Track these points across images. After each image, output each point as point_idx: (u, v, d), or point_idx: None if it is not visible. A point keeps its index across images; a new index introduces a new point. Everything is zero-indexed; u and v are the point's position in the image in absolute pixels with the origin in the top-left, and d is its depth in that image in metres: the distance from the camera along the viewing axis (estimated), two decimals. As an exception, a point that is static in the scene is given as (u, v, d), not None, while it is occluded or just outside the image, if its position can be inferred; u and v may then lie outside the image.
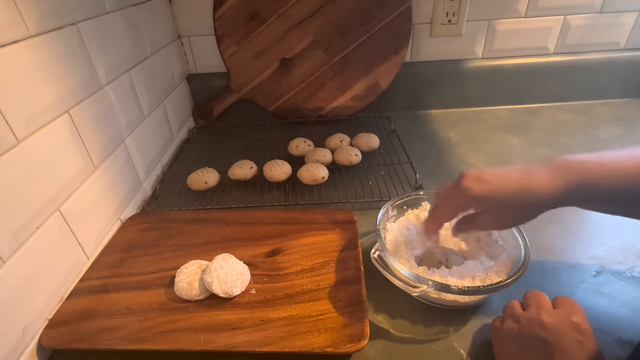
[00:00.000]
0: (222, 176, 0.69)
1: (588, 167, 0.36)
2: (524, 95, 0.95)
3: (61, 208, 0.47)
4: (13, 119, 0.40)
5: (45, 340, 0.42)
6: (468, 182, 0.39)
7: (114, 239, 0.56)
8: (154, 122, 0.73)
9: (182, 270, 0.47)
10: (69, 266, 0.48)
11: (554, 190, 0.36)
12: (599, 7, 0.86)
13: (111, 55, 0.59)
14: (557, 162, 0.37)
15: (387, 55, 0.85)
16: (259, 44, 0.84)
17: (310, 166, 0.67)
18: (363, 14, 0.81)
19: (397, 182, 0.67)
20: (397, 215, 0.54)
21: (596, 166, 0.36)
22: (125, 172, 0.62)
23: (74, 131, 0.50)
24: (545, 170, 0.37)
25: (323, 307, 0.44)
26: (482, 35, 0.89)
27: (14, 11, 0.41)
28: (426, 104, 0.96)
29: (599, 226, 0.56)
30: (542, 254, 0.52)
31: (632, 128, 0.83)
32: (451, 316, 0.44)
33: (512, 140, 0.81)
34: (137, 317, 0.44)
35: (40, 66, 0.44)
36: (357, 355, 0.41)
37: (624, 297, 0.46)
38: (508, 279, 0.41)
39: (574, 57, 0.91)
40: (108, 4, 0.59)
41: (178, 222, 0.59)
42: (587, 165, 0.36)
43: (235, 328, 0.42)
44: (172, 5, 0.84)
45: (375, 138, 0.76)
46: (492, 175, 0.38)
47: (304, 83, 0.88)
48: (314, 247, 0.52)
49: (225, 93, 0.90)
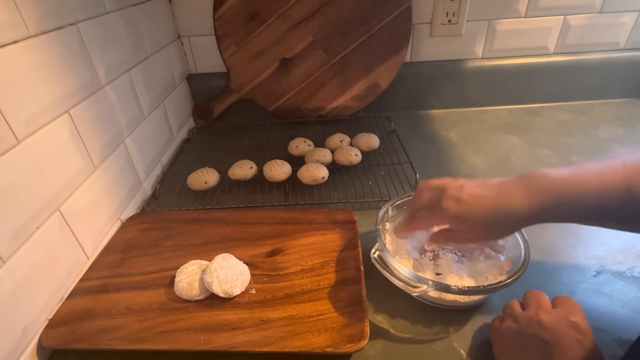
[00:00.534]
0: (222, 176, 0.69)
1: (562, 186, 0.36)
2: (524, 95, 0.95)
3: (61, 208, 0.47)
4: (13, 119, 0.40)
5: (45, 340, 0.42)
6: (446, 204, 0.39)
7: (114, 239, 0.56)
8: (154, 122, 0.73)
9: (182, 270, 0.47)
10: (69, 266, 0.48)
11: (529, 210, 0.37)
12: (599, 7, 0.86)
13: (111, 55, 0.59)
14: (533, 180, 0.37)
15: (387, 55, 0.85)
16: (259, 44, 0.84)
17: (310, 166, 0.67)
18: (363, 14, 0.81)
19: (397, 182, 0.67)
20: (397, 215, 0.54)
21: (571, 184, 0.36)
22: (125, 172, 0.62)
23: (74, 131, 0.50)
24: (522, 189, 0.37)
25: (323, 307, 0.44)
26: (482, 35, 0.89)
27: (14, 11, 0.41)
28: (426, 104, 0.96)
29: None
30: (542, 254, 0.52)
31: (632, 128, 0.83)
32: (451, 316, 0.44)
33: (512, 140, 0.81)
34: (137, 317, 0.44)
35: (40, 66, 0.44)
36: (357, 355, 0.41)
37: (624, 297, 0.46)
38: (508, 279, 0.41)
39: (574, 57, 0.91)
40: (108, 4, 0.59)
41: (178, 222, 0.59)
42: (561, 184, 0.36)
43: (235, 328, 0.42)
44: (172, 5, 0.84)
45: (375, 138, 0.76)
46: (469, 195, 0.39)
47: (304, 83, 0.88)
48: (314, 247, 0.52)
49: (225, 93, 0.90)
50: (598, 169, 0.36)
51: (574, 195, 0.36)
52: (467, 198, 0.39)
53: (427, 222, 0.44)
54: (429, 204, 0.42)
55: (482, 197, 0.39)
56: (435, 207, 0.41)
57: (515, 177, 0.39)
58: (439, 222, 0.44)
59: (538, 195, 0.36)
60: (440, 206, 0.40)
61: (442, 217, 0.41)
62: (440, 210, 0.40)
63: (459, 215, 0.39)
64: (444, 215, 0.40)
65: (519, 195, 0.37)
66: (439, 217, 0.41)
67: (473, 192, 0.39)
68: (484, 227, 0.39)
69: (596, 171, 0.36)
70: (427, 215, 0.43)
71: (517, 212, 0.37)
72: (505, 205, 0.37)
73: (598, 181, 0.35)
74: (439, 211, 0.40)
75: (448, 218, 0.40)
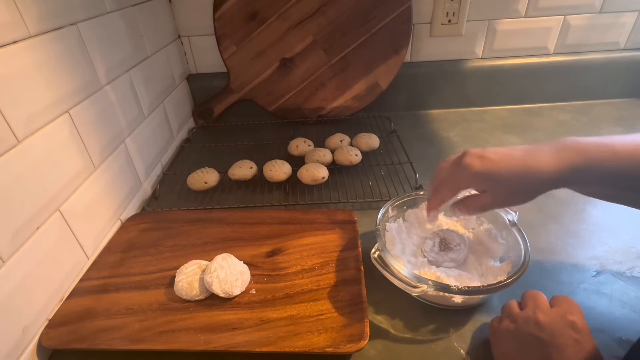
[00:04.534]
0: (222, 176, 0.69)
1: (594, 148, 0.35)
2: (524, 95, 0.95)
3: (61, 208, 0.47)
4: (13, 119, 0.40)
5: (45, 340, 0.42)
6: (469, 160, 0.38)
7: (114, 239, 0.56)
8: (154, 122, 0.73)
9: (182, 270, 0.47)
10: (69, 266, 0.48)
11: (557, 170, 0.35)
12: (599, 7, 0.86)
13: (111, 55, 0.59)
14: (563, 143, 0.36)
15: (387, 55, 0.85)
16: (259, 44, 0.84)
17: (310, 166, 0.67)
18: (363, 14, 0.81)
19: (397, 182, 0.67)
20: (397, 215, 0.54)
21: (603, 147, 0.35)
22: (125, 172, 0.62)
23: (74, 131, 0.50)
24: (550, 149, 0.36)
25: (323, 307, 0.44)
26: (482, 35, 0.89)
27: (14, 11, 0.41)
28: (426, 104, 0.96)
29: (599, 226, 0.56)
30: (542, 254, 0.52)
31: (632, 128, 0.83)
32: (451, 316, 0.44)
33: (512, 140, 0.81)
34: (137, 317, 0.44)
35: (40, 66, 0.44)
36: (357, 355, 0.41)
37: (624, 297, 0.46)
38: (508, 279, 0.41)
39: (574, 57, 0.91)
40: (108, 4, 0.59)
41: (178, 222, 0.59)
42: (593, 146, 0.35)
43: (235, 328, 0.42)
44: (172, 5, 0.84)
45: (375, 138, 0.76)
46: (494, 153, 0.38)
47: (304, 83, 0.88)
48: (314, 247, 0.52)
49: (225, 93, 0.90)
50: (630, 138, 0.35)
51: (605, 158, 0.35)
52: (491, 155, 0.38)
53: (452, 187, 0.42)
54: (451, 167, 0.40)
55: (508, 155, 0.37)
56: (458, 167, 0.39)
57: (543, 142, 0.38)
58: (463, 183, 0.41)
59: (568, 155, 0.35)
60: (463, 164, 0.38)
61: (465, 175, 0.39)
62: (463, 169, 0.38)
63: (482, 172, 0.37)
64: (467, 173, 0.38)
65: (548, 155, 0.36)
66: (462, 177, 0.39)
67: (497, 150, 0.38)
68: (508, 186, 0.38)
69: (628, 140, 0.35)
70: (450, 179, 0.41)
71: (545, 170, 0.35)
72: (532, 163, 0.36)
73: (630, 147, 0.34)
74: (461, 170, 0.39)
75: (471, 175, 0.38)
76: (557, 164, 0.35)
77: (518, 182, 0.37)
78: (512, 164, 0.37)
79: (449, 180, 0.42)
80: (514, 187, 0.38)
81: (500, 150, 0.38)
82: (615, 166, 0.35)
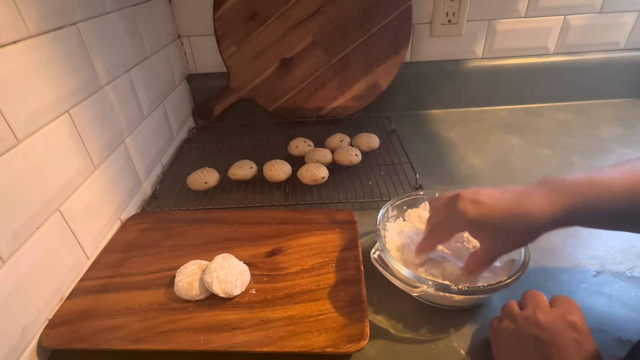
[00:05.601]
0: (222, 176, 0.69)
1: (587, 187, 0.35)
2: (524, 95, 0.95)
3: (61, 208, 0.47)
4: (13, 119, 0.40)
5: (45, 340, 0.42)
6: (463, 205, 0.38)
7: (114, 239, 0.56)
8: (154, 122, 0.73)
9: (182, 270, 0.47)
10: (69, 266, 0.48)
11: (552, 213, 0.35)
12: (599, 7, 0.86)
13: (111, 55, 0.59)
14: (554, 183, 0.36)
15: (387, 55, 0.85)
16: (259, 44, 0.84)
17: (310, 166, 0.67)
18: (363, 14, 0.81)
19: (397, 182, 0.67)
20: (397, 215, 0.54)
21: (595, 186, 0.35)
22: (125, 172, 0.62)
23: (74, 131, 0.50)
24: (543, 192, 0.36)
25: (323, 307, 0.44)
26: (482, 35, 0.89)
27: (14, 11, 0.41)
28: (426, 104, 0.96)
29: (599, 226, 0.56)
30: (542, 254, 0.52)
31: (632, 128, 0.83)
32: (451, 316, 0.44)
33: (512, 140, 0.81)
34: (137, 317, 0.44)
35: (40, 66, 0.44)
36: (357, 355, 0.41)
37: (624, 297, 0.46)
38: (508, 279, 0.41)
39: (574, 57, 0.91)
40: (108, 4, 0.59)
41: (178, 222, 0.59)
42: (585, 185, 0.35)
43: (235, 328, 0.42)
44: (172, 5, 0.84)
45: (375, 138, 0.76)
46: (488, 197, 0.38)
47: (304, 83, 0.88)
48: (314, 247, 0.52)
49: (225, 93, 0.90)
50: (621, 171, 0.35)
51: (599, 197, 0.34)
52: (484, 199, 0.38)
53: (447, 232, 0.42)
54: (446, 211, 0.40)
55: (500, 199, 0.37)
56: (452, 213, 0.39)
57: (534, 183, 0.37)
58: (458, 229, 0.41)
59: (560, 197, 0.35)
60: (457, 209, 0.38)
61: (460, 222, 0.39)
62: (458, 215, 0.38)
63: (477, 218, 0.37)
64: (462, 220, 0.38)
65: (540, 198, 0.36)
66: (456, 224, 0.40)
67: (490, 194, 0.38)
68: (502, 232, 0.38)
69: (619, 173, 0.35)
70: (445, 224, 0.41)
71: (538, 214, 0.35)
72: (526, 208, 0.36)
73: (624, 181, 0.34)
74: (456, 216, 0.39)
75: (466, 223, 0.38)
76: (550, 206, 0.35)
77: (512, 228, 0.37)
78: (504, 209, 0.37)
79: (444, 225, 0.42)
80: (508, 232, 0.38)
81: (493, 193, 0.38)
82: (611, 204, 0.34)
